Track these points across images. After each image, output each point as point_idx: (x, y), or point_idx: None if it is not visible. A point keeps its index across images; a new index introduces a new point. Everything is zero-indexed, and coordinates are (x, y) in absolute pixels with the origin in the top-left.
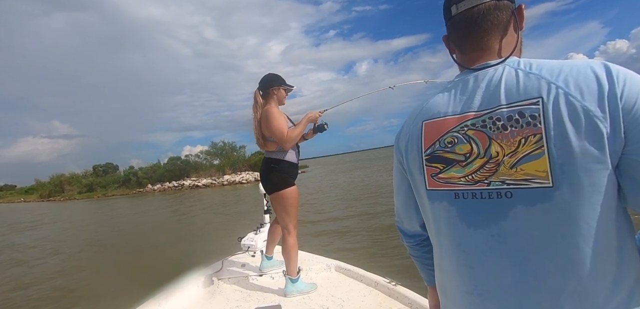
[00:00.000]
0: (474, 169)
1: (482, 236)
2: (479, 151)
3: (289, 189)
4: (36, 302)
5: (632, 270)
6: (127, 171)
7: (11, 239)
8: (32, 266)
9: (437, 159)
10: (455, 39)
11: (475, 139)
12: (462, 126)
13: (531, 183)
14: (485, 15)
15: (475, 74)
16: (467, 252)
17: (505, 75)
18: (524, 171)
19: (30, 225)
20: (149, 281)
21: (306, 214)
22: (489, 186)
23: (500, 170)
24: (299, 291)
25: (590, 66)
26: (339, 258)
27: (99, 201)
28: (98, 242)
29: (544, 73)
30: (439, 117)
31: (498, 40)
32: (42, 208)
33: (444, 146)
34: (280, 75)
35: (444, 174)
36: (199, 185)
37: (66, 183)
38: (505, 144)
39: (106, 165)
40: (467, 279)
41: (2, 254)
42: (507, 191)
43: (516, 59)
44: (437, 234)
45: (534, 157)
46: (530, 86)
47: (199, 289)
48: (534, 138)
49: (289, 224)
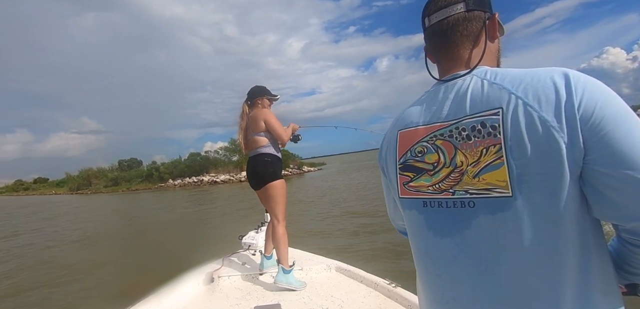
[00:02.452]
0: (440, 178)
1: (447, 245)
2: (446, 161)
3: (279, 181)
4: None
5: (598, 282)
6: (150, 166)
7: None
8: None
9: (408, 168)
10: (430, 50)
11: (442, 148)
12: (432, 135)
13: (492, 193)
14: (454, 27)
15: (446, 84)
16: (434, 260)
17: (472, 85)
18: (485, 180)
19: (58, 215)
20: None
21: (310, 212)
22: (453, 195)
23: (464, 179)
24: (288, 283)
25: (551, 75)
26: (339, 259)
27: (123, 195)
28: (114, 233)
29: (506, 83)
30: (412, 127)
31: (468, 51)
32: (71, 201)
33: (414, 155)
34: (265, 87)
35: (414, 182)
36: (217, 181)
37: (93, 177)
38: (469, 153)
39: (130, 160)
40: (435, 288)
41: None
42: (470, 200)
43: (484, 69)
44: (410, 241)
45: (494, 167)
46: (493, 96)
47: (200, 287)
48: (494, 148)
49: (279, 214)
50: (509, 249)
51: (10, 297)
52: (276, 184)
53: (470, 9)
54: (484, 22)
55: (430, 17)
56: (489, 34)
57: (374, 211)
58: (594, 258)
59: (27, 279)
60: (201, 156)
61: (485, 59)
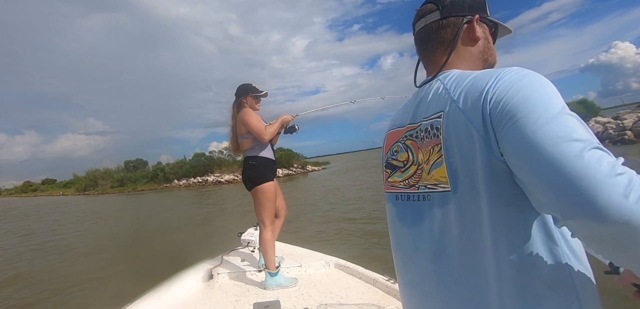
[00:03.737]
0: (409, 174)
1: (411, 235)
2: (413, 159)
3: (266, 185)
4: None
5: (543, 276)
6: (155, 166)
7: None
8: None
9: (388, 165)
10: (418, 56)
11: (411, 148)
12: (404, 136)
13: (439, 187)
14: (430, 34)
15: (420, 88)
16: (402, 249)
17: (433, 90)
18: (434, 176)
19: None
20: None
21: (313, 210)
22: (418, 190)
23: (423, 176)
24: (278, 285)
25: (488, 76)
26: (338, 255)
27: (129, 195)
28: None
29: (452, 88)
30: (395, 128)
31: (443, 57)
32: (79, 201)
33: (392, 154)
34: (251, 84)
35: (391, 178)
36: (221, 181)
37: (100, 178)
38: (424, 152)
39: (136, 160)
40: (403, 274)
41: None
42: (427, 194)
43: (448, 74)
44: (390, 231)
45: (438, 164)
46: (441, 101)
47: (198, 284)
48: (437, 148)
49: (266, 219)
50: (453, 239)
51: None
52: (262, 188)
53: (444, 17)
54: (459, 27)
55: (414, 25)
56: (466, 37)
57: (374, 212)
58: (538, 252)
59: (30, 277)
60: (206, 156)
61: (461, 62)
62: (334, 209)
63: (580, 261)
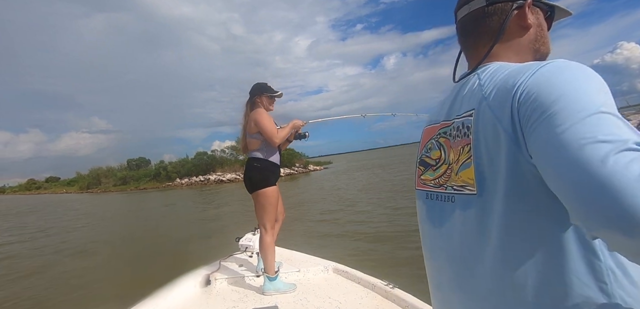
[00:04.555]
0: (440, 173)
1: (437, 235)
2: (445, 158)
3: (268, 189)
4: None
5: (577, 291)
6: (158, 165)
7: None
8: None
9: (422, 162)
10: (461, 47)
11: (444, 146)
12: (438, 133)
13: (465, 190)
14: (472, 24)
15: (459, 83)
16: (429, 248)
17: (469, 85)
18: (461, 177)
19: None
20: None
21: (313, 212)
22: (445, 190)
23: (451, 176)
24: (276, 290)
25: (524, 69)
26: (337, 260)
27: (131, 193)
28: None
29: (485, 83)
30: (431, 124)
31: (485, 48)
32: (82, 199)
33: (426, 151)
34: (266, 84)
35: (424, 176)
36: (223, 180)
37: (103, 176)
38: (455, 152)
39: (139, 159)
40: (430, 272)
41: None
42: (452, 195)
43: (486, 67)
44: (420, 229)
45: (466, 165)
46: (474, 97)
47: (196, 289)
48: (467, 148)
49: (267, 223)
50: (474, 245)
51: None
52: (265, 192)
53: (491, 3)
54: (508, 14)
55: (456, 12)
56: (515, 25)
57: (377, 211)
58: (572, 267)
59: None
60: (208, 155)
61: (506, 54)
62: (333, 210)
63: (627, 275)
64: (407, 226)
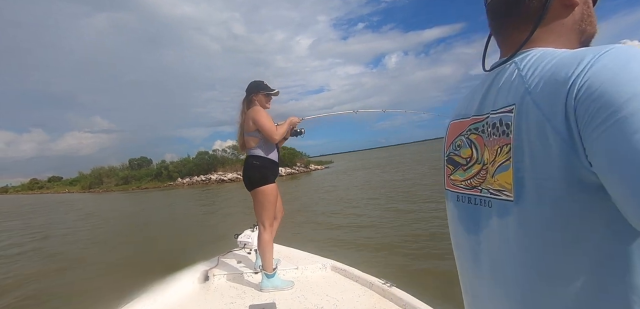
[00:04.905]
0: (472, 174)
1: (471, 242)
2: (477, 157)
3: (267, 186)
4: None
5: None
6: (159, 164)
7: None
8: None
9: (450, 161)
10: (492, 34)
11: (476, 143)
12: (468, 129)
13: (502, 195)
14: (508, 6)
15: (491, 72)
16: (463, 254)
17: (506, 76)
18: (498, 181)
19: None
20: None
21: (312, 211)
22: (480, 193)
23: (487, 178)
24: (274, 287)
25: (578, 57)
26: (335, 258)
27: (133, 193)
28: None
29: (528, 73)
30: (459, 119)
31: (524, 33)
32: (84, 199)
33: (454, 149)
34: (262, 82)
35: (453, 175)
36: (224, 179)
37: (105, 175)
38: (491, 151)
39: (141, 159)
40: (464, 280)
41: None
42: (489, 200)
43: (527, 54)
44: (450, 233)
45: (504, 168)
46: (514, 90)
47: (195, 285)
48: (505, 148)
49: (265, 220)
50: (511, 256)
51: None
52: (264, 190)
53: None
54: None
55: None
56: (559, 5)
57: (376, 210)
58: (614, 281)
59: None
60: (209, 154)
61: (548, 37)
62: (335, 211)
63: None
64: (410, 229)
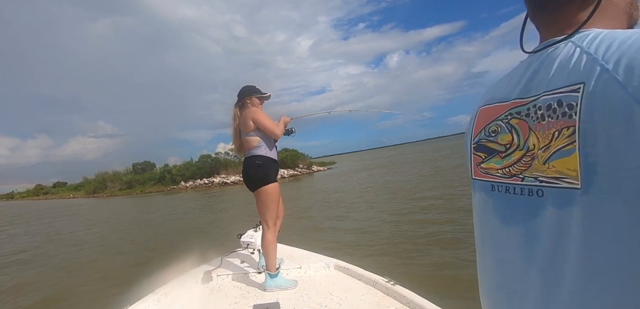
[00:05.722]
0: (512, 161)
1: (512, 234)
2: (519, 143)
3: (270, 186)
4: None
5: None
6: (162, 168)
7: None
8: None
9: (481, 148)
10: (530, 15)
11: (517, 128)
12: (508, 113)
13: (562, 182)
14: None
15: (536, 54)
16: (499, 247)
17: (562, 55)
18: (555, 168)
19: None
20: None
21: (314, 212)
22: (523, 181)
23: (534, 165)
24: (277, 287)
25: None
26: (338, 257)
27: (137, 197)
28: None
29: (600, 50)
30: (493, 103)
31: (575, 11)
32: (89, 204)
33: (488, 135)
34: (254, 86)
35: (485, 163)
36: (227, 182)
37: (108, 180)
38: (541, 136)
39: (144, 163)
40: (497, 275)
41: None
42: (539, 188)
43: (588, 33)
44: (476, 223)
45: (565, 153)
46: (579, 68)
47: (198, 286)
48: (567, 131)
49: (269, 220)
50: (573, 250)
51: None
52: (267, 189)
53: None
54: None
55: None
56: None
57: (376, 210)
58: None
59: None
60: (211, 157)
61: (601, 20)
62: (339, 216)
63: None
64: (413, 228)
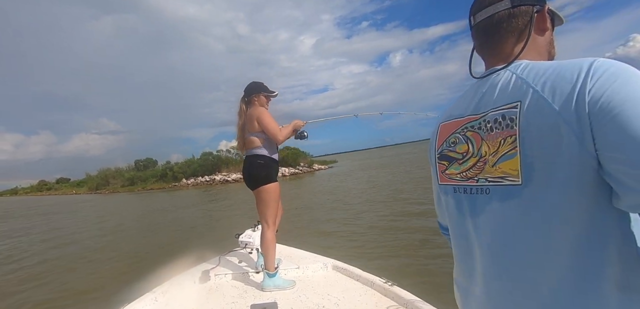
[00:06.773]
0: (468, 166)
1: (469, 228)
2: (474, 151)
3: (271, 184)
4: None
5: (615, 275)
6: (164, 165)
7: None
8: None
9: (444, 157)
10: (477, 48)
11: (472, 139)
12: (464, 127)
13: (505, 181)
14: (498, 24)
15: (484, 79)
16: (462, 242)
17: (503, 80)
18: (501, 169)
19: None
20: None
21: (315, 212)
22: (477, 183)
23: (485, 168)
24: (275, 287)
25: (577, 65)
26: (337, 257)
27: (139, 194)
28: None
29: (531, 76)
30: (451, 119)
31: (511, 47)
32: (92, 199)
33: (449, 146)
34: (262, 83)
35: (448, 170)
36: (228, 180)
37: (111, 177)
38: (491, 144)
39: (146, 160)
40: (464, 267)
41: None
42: (487, 187)
43: (520, 63)
44: (448, 223)
45: (509, 156)
46: (516, 90)
47: (196, 285)
48: (510, 139)
49: (269, 218)
50: (517, 235)
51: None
52: (268, 188)
53: (516, 5)
54: (531, 16)
55: (475, 15)
56: (536, 27)
57: (377, 210)
58: (612, 252)
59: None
60: (213, 155)
61: (529, 53)
62: (340, 218)
63: None
64: (412, 228)
